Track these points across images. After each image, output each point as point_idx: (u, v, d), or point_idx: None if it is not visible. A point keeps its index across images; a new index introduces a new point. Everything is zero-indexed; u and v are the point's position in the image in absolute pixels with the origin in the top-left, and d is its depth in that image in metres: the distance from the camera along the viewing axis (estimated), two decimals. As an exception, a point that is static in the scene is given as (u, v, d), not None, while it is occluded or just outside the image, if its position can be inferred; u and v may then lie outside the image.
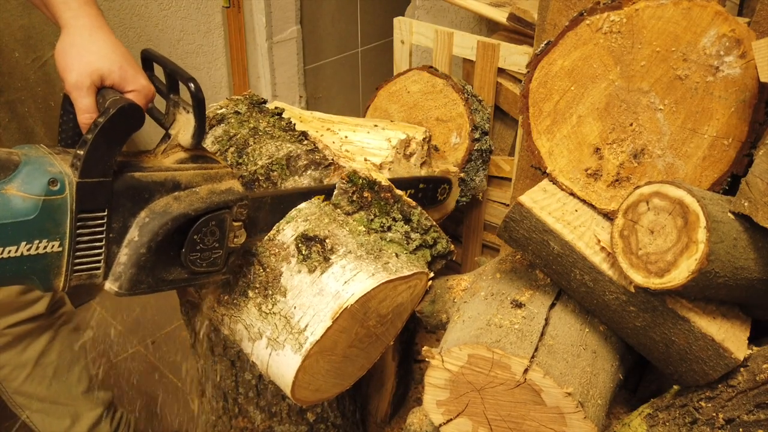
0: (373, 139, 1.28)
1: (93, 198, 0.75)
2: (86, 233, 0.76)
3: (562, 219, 1.02)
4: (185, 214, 0.81)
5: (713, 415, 0.91)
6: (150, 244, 0.79)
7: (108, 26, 0.85)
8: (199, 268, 0.87)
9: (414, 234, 1.11)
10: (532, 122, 1.12)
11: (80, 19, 0.83)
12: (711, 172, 1.00)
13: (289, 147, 1.11)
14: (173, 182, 0.83)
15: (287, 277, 0.95)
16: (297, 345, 0.90)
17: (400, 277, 0.96)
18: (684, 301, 0.94)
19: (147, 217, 0.80)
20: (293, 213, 1.03)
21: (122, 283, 0.81)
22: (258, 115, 1.22)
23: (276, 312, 0.94)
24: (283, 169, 1.08)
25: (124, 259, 0.80)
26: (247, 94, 1.31)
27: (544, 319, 1.03)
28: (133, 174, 0.80)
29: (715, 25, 0.93)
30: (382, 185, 1.10)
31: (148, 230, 0.79)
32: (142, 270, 0.81)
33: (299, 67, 2.56)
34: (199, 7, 2.10)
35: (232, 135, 1.15)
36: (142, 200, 0.81)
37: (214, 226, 0.85)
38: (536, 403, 0.94)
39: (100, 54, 0.81)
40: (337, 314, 0.89)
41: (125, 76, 0.81)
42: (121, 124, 0.75)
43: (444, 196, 1.41)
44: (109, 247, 0.80)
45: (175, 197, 0.83)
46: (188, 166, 0.87)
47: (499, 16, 1.74)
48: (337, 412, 1.37)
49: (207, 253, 0.86)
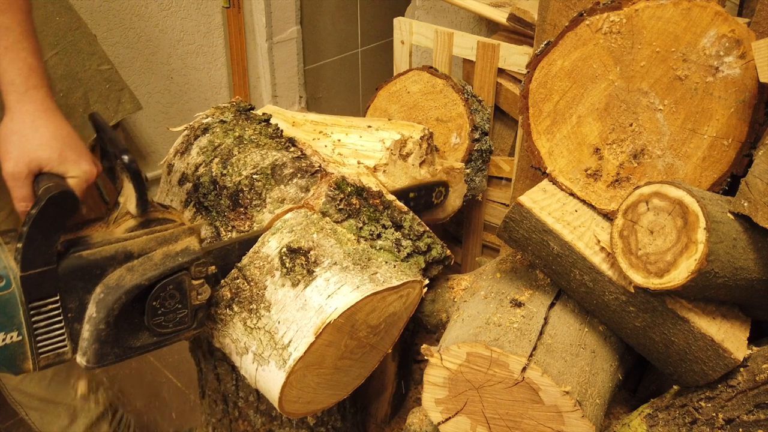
0: (367, 141, 1.26)
1: (40, 287, 0.77)
2: (42, 319, 0.78)
3: (561, 219, 1.02)
4: (138, 285, 0.81)
5: (713, 415, 0.91)
6: (108, 320, 0.80)
7: (55, 109, 0.83)
8: (167, 330, 0.87)
9: (405, 241, 1.08)
10: (532, 122, 1.12)
11: (25, 105, 0.81)
12: (711, 172, 1.00)
13: (275, 155, 1.08)
14: (125, 253, 0.83)
15: (271, 291, 0.94)
16: (281, 361, 0.88)
17: (388, 288, 0.93)
18: (684, 302, 0.94)
19: (102, 293, 0.81)
20: (278, 224, 1.00)
21: (89, 358, 0.82)
22: (244, 122, 1.20)
23: (260, 327, 0.92)
24: (267, 179, 1.05)
25: (86, 335, 0.82)
26: (234, 101, 1.28)
27: (543, 319, 1.03)
28: (81, 253, 0.80)
29: (715, 25, 0.93)
30: (372, 191, 1.07)
31: (103, 306, 0.80)
32: (106, 343, 0.82)
33: (299, 67, 2.57)
34: (199, 7, 2.11)
35: (217, 145, 1.13)
36: (94, 277, 0.81)
37: (172, 290, 0.84)
38: (534, 402, 0.94)
39: (41, 142, 0.79)
40: (320, 329, 0.87)
41: (65, 162, 0.80)
42: (53, 213, 0.75)
43: (441, 199, 1.40)
44: (70, 326, 0.81)
45: (128, 268, 0.83)
46: (140, 232, 0.86)
47: (499, 16, 1.74)
48: (338, 415, 1.37)
49: (171, 315, 0.86)
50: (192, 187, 1.12)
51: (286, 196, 1.06)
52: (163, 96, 2.09)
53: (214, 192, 1.08)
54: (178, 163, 1.18)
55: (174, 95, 2.13)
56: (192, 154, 1.16)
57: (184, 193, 1.14)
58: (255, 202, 1.05)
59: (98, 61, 1.67)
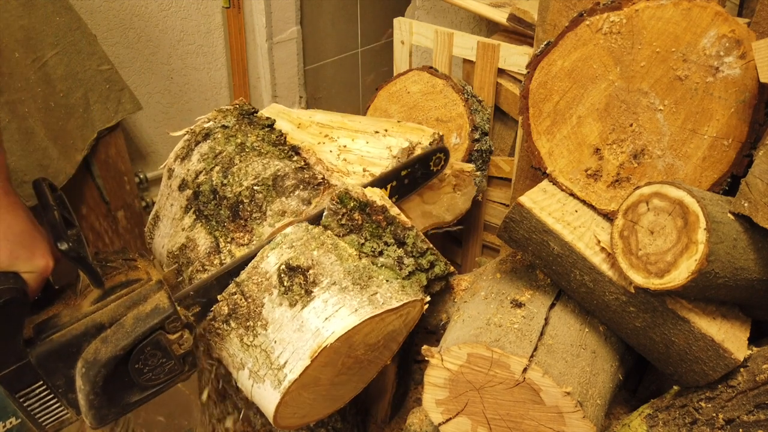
0: (373, 148, 1.23)
1: (19, 380, 0.80)
2: (34, 402, 0.82)
3: (562, 219, 1.02)
4: (114, 356, 0.82)
5: (713, 415, 0.91)
6: (95, 390, 0.83)
7: (9, 205, 0.82)
8: (159, 381, 0.88)
9: (408, 258, 1.05)
10: (532, 123, 1.12)
11: None
12: (711, 172, 1.00)
13: (277, 165, 1.05)
14: (95, 326, 0.84)
15: (269, 309, 0.92)
16: (276, 381, 0.87)
17: (387, 311, 0.91)
18: (684, 302, 0.94)
19: (83, 367, 0.83)
20: (279, 238, 0.98)
21: (90, 421, 0.85)
22: (247, 127, 1.17)
23: (257, 345, 0.91)
24: (268, 191, 1.03)
25: (82, 403, 0.84)
26: (238, 103, 1.25)
27: (543, 319, 1.03)
28: (52, 338, 0.82)
29: (715, 25, 0.93)
30: (375, 206, 1.04)
31: (87, 380, 0.82)
32: (101, 408, 0.84)
33: (299, 67, 2.56)
34: (199, 7, 2.10)
35: (218, 152, 1.11)
36: (71, 355, 0.83)
37: (151, 350, 0.85)
38: (535, 403, 0.94)
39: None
40: (316, 353, 0.85)
41: (16, 261, 0.80)
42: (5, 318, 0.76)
43: (440, 165, 1.32)
44: (65, 397, 0.85)
45: (102, 339, 0.84)
46: (107, 301, 0.87)
47: (499, 16, 1.74)
48: (338, 416, 1.37)
49: (159, 369, 0.87)
50: (192, 195, 1.10)
51: (288, 209, 1.04)
52: (163, 96, 2.09)
53: (214, 201, 1.06)
54: (179, 169, 1.16)
55: (174, 95, 2.13)
56: (192, 161, 1.14)
57: (184, 199, 1.12)
58: (255, 215, 1.04)
59: (98, 61, 1.67)
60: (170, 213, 1.18)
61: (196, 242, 1.07)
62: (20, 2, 1.51)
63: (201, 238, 1.07)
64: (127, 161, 1.82)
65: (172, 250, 1.10)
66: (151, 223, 1.24)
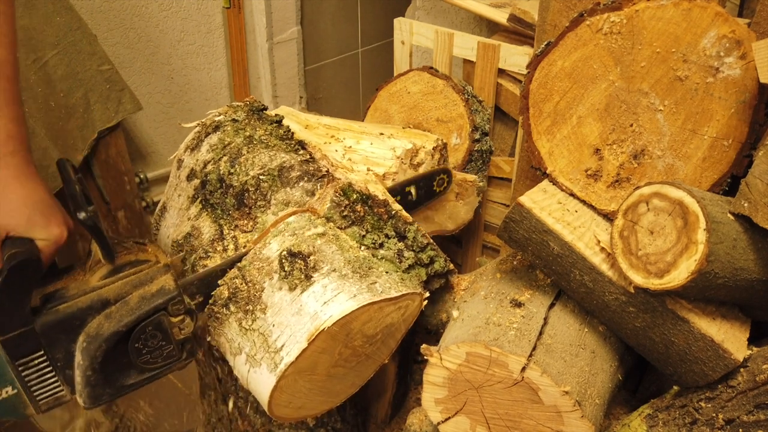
0: (378, 149, 1.25)
1: (21, 346, 0.81)
2: (32, 373, 0.82)
3: (562, 219, 1.02)
4: (116, 332, 0.83)
5: (713, 415, 0.91)
6: (93, 366, 0.83)
7: (29, 174, 0.84)
8: (156, 365, 0.89)
9: (408, 252, 1.07)
10: (532, 123, 1.12)
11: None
12: (711, 172, 1.00)
13: (284, 157, 1.07)
14: (101, 301, 0.85)
15: (268, 293, 0.93)
16: (272, 365, 0.88)
17: (385, 299, 0.92)
18: (684, 302, 0.94)
19: (84, 342, 0.83)
20: (281, 226, 1.00)
21: (84, 400, 0.86)
22: (256, 122, 1.19)
23: (255, 329, 0.92)
24: (274, 180, 1.05)
25: (78, 380, 0.85)
26: (248, 100, 1.28)
27: (542, 319, 1.03)
28: (58, 308, 0.83)
29: (715, 26, 0.93)
30: (377, 200, 1.06)
31: (87, 355, 0.83)
32: (97, 386, 0.85)
33: (299, 67, 2.57)
34: (199, 7, 2.11)
35: (227, 143, 1.13)
36: (75, 328, 0.84)
37: (152, 330, 0.86)
38: (534, 402, 0.94)
39: (9, 209, 0.81)
40: (313, 336, 0.86)
41: (33, 227, 0.82)
42: (17, 280, 0.77)
43: (443, 186, 1.36)
44: (63, 373, 0.85)
45: (106, 315, 0.84)
46: (115, 278, 0.88)
47: (499, 16, 1.74)
48: (337, 416, 1.37)
49: (157, 352, 0.88)
50: (200, 184, 1.12)
51: (291, 199, 1.05)
52: (163, 96, 2.09)
53: (220, 190, 1.08)
54: (188, 159, 1.18)
55: (174, 95, 2.13)
56: (202, 151, 1.16)
57: (191, 188, 1.14)
58: (260, 203, 1.05)
59: (99, 62, 1.67)
60: (177, 203, 1.19)
61: (201, 230, 1.09)
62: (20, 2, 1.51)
63: (206, 227, 1.09)
64: (128, 161, 1.82)
65: (176, 239, 1.12)
66: (158, 214, 1.25)
